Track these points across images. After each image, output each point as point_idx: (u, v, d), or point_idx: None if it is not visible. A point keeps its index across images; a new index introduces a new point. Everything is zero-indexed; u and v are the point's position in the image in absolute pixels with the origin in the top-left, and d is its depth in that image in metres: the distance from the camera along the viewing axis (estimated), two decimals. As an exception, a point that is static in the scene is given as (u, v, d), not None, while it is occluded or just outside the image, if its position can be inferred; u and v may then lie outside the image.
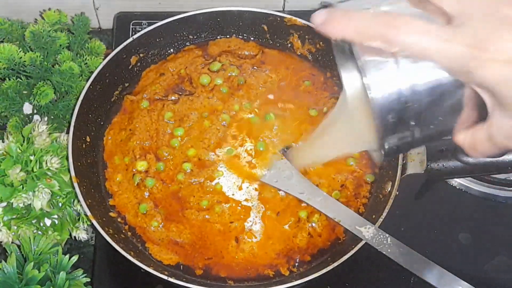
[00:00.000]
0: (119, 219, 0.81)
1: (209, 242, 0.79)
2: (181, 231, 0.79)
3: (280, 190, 0.81)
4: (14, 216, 0.76)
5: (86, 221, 0.80)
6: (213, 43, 0.96)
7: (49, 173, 0.78)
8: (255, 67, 0.92)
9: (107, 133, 0.87)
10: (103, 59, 0.87)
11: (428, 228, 0.87)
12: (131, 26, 1.03)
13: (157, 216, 0.80)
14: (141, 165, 0.83)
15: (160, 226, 0.80)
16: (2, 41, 0.88)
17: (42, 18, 0.91)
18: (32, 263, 0.69)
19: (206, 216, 0.80)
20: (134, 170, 0.83)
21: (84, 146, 0.83)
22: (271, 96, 0.90)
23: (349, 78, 0.47)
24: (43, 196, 0.76)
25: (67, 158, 0.78)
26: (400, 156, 0.78)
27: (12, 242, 0.76)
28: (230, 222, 0.80)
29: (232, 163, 0.84)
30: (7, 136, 0.80)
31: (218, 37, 0.96)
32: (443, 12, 0.38)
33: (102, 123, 0.88)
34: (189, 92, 0.90)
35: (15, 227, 0.76)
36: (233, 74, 0.91)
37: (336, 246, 0.79)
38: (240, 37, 0.96)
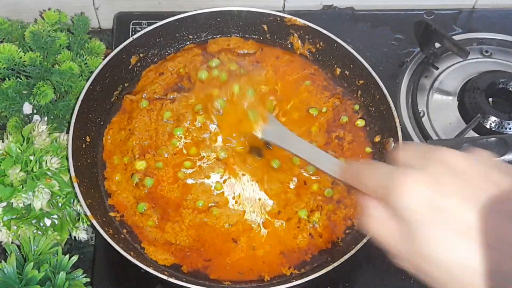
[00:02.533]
0: (118, 219, 0.81)
1: (208, 244, 0.79)
2: (177, 233, 0.79)
3: (277, 145, 0.78)
4: (14, 216, 0.76)
5: (86, 221, 0.80)
6: (213, 42, 0.96)
7: (49, 173, 0.78)
8: (254, 65, 0.92)
9: (107, 132, 0.87)
10: (103, 59, 0.87)
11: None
12: (131, 26, 1.03)
13: (153, 216, 0.80)
14: (140, 165, 0.83)
15: (156, 224, 0.79)
16: (2, 41, 0.88)
17: (42, 18, 0.91)
18: (32, 263, 0.69)
19: (205, 219, 0.80)
20: (133, 169, 0.83)
21: (84, 146, 0.83)
22: (270, 96, 0.90)
23: None
24: (43, 196, 0.76)
25: (67, 158, 0.78)
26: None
27: (12, 242, 0.76)
28: (229, 224, 0.80)
29: (226, 120, 0.84)
30: (7, 136, 0.80)
31: (218, 36, 0.96)
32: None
33: (102, 123, 0.88)
34: (187, 89, 0.90)
35: (15, 227, 0.76)
36: (232, 68, 0.91)
37: (336, 246, 0.79)
38: (240, 36, 0.96)
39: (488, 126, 0.92)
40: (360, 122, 0.89)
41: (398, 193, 0.41)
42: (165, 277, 0.71)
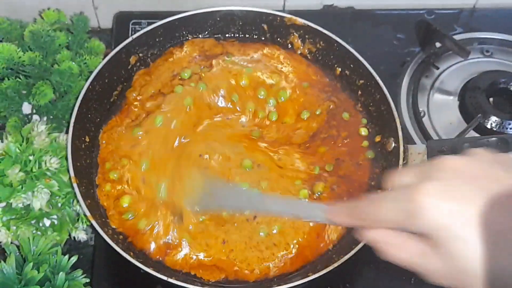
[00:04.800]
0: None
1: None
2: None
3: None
4: (13, 217, 0.76)
5: (85, 222, 0.80)
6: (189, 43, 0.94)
7: (48, 173, 0.77)
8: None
9: (101, 136, 0.85)
10: (103, 59, 0.87)
11: (429, 229, 0.87)
12: (130, 26, 1.03)
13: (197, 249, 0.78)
14: (125, 201, 0.79)
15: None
16: (1, 41, 0.88)
17: (41, 17, 0.91)
18: (31, 264, 0.69)
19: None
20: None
21: (83, 146, 0.83)
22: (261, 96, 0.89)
23: None
24: (42, 197, 0.76)
25: (66, 158, 0.77)
26: (401, 156, 0.78)
27: (11, 243, 0.76)
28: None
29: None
30: (6, 136, 0.80)
31: (217, 36, 0.96)
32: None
33: (101, 123, 0.88)
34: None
35: (14, 228, 0.76)
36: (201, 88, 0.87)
37: (336, 245, 0.79)
38: (240, 36, 0.96)
39: (489, 126, 0.92)
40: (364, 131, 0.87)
41: (423, 212, 0.39)
42: (164, 278, 0.71)
